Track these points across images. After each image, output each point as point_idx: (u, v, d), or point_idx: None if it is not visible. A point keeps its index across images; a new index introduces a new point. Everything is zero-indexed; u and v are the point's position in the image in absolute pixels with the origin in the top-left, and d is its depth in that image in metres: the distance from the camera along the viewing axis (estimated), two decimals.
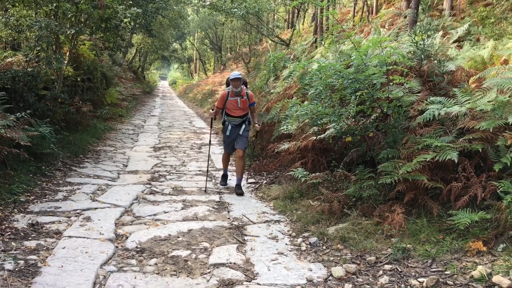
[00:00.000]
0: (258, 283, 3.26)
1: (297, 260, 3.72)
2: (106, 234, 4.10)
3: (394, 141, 4.53)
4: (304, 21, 19.82)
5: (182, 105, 23.40)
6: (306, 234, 4.28)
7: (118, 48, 13.06)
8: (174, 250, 3.83)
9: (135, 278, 3.26)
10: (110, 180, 6.35)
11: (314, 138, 5.55)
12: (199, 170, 7.33)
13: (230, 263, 3.59)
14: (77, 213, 4.69)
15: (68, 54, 8.70)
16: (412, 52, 5.59)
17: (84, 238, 3.96)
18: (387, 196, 4.31)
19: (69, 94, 8.60)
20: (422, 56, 5.46)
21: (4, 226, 4.06)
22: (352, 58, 5.04)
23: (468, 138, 3.91)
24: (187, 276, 3.36)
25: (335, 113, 4.97)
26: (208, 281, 3.27)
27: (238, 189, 5.93)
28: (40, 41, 7.40)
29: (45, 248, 3.70)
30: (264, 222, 4.72)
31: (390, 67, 4.79)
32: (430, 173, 4.00)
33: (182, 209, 5.10)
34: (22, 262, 3.36)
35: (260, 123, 6.60)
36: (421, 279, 3.12)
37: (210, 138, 6.57)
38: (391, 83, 4.99)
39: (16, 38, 8.46)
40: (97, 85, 11.54)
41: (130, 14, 9.00)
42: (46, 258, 3.48)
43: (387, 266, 3.42)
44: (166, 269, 3.46)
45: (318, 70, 4.95)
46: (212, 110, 6.26)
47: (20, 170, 5.57)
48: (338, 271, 3.40)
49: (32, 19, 7.55)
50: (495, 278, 2.88)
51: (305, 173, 5.16)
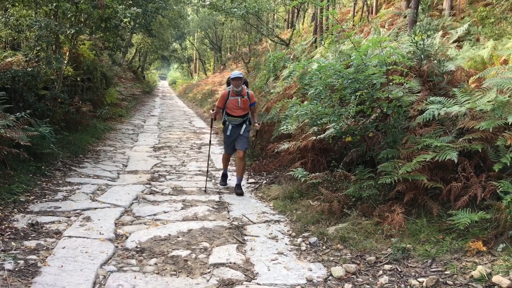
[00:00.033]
0: (258, 283, 3.26)
1: (297, 260, 3.72)
2: (106, 234, 4.10)
3: (394, 141, 4.53)
4: (304, 21, 19.81)
5: (182, 105, 23.41)
6: (306, 234, 4.28)
7: (118, 48, 13.08)
8: (174, 250, 3.83)
9: (135, 278, 3.26)
10: (110, 180, 6.35)
11: (314, 138, 5.55)
12: (199, 170, 7.33)
13: (230, 263, 3.59)
14: (77, 213, 4.69)
15: (68, 54, 8.70)
16: (412, 52, 5.60)
17: (84, 238, 3.96)
18: (387, 196, 4.32)
19: (69, 94, 8.61)
20: (422, 56, 5.46)
21: (4, 226, 4.06)
22: (352, 58, 5.04)
23: (467, 138, 3.91)
24: (187, 276, 3.36)
25: (335, 113, 4.98)
26: (208, 281, 3.28)
27: (238, 189, 5.93)
28: (40, 41, 7.40)
29: (45, 248, 3.70)
30: (264, 222, 4.72)
31: (390, 67, 4.79)
32: (429, 173, 4.00)
33: (182, 209, 5.10)
34: (22, 262, 3.36)
35: (260, 123, 6.58)
36: (421, 279, 3.12)
37: (210, 138, 6.56)
38: (391, 83, 5.00)
39: (16, 38, 8.46)
40: (97, 85, 11.54)
41: (130, 14, 9.01)
42: (46, 258, 3.48)
43: (387, 266, 3.42)
44: (166, 269, 3.46)
45: (318, 70, 4.95)
46: (212, 111, 6.23)
47: (20, 170, 5.57)
48: (338, 271, 3.40)
49: (32, 19, 7.55)
50: (495, 278, 2.88)
51: (305, 173, 5.16)
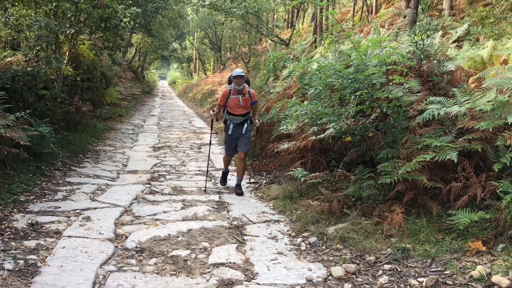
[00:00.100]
0: (257, 283, 3.26)
1: (296, 260, 3.72)
2: (105, 234, 4.10)
3: (394, 141, 4.53)
4: (303, 21, 19.81)
5: (181, 104, 23.41)
6: (305, 234, 4.28)
7: (117, 47, 13.09)
8: (173, 250, 3.83)
9: (135, 277, 3.26)
10: (109, 180, 6.34)
11: (314, 138, 5.55)
12: (199, 170, 7.33)
13: (230, 263, 3.59)
14: (76, 213, 4.69)
15: (67, 53, 8.70)
16: (411, 52, 5.60)
17: (83, 238, 3.96)
18: (387, 196, 4.32)
19: (68, 93, 8.61)
20: (422, 56, 5.46)
21: (3, 226, 4.06)
22: (351, 58, 5.04)
23: (467, 138, 3.91)
24: (187, 276, 3.36)
25: (335, 113, 4.98)
26: (207, 280, 3.28)
27: (238, 189, 5.92)
28: (39, 40, 7.40)
29: (44, 247, 3.70)
30: (263, 222, 4.72)
31: (390, 67, 4.79)
32: (429, 173, 4.00)
33: (182, 209, 5.10)
34: (21, 261, 3.36)
35: (260, 120, 6.50)
36: (420, 279, 3.12)
37: (210, 138, 6.52)
38: (391, 83, 5.00)
39: (15, 37, 8.46)
40: (96, 84, 11.54)
41: (130, 14, 9.02)
42: (46, 257, 3.48)
43: (387, 266, 3.42)
44: (166, 268, 3.46)
45: (318, 70, 4.95)
46: (212, 112, 6.09)
47: (19, 170, 5.57)
48: (337, 271, 3.40)
49: (31, 19, 7.55)
50: (495, 278, 2.88)
51: (304, 173, 5.16)
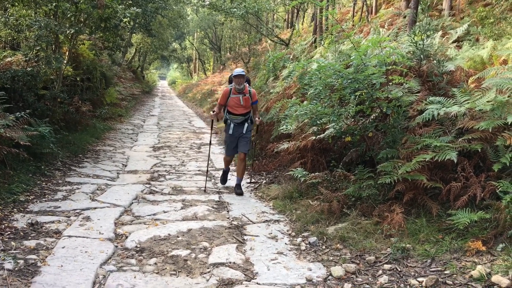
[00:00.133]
0: (257, 283, 3.26)
1: (296, 259, 3.72)
2: (105, 234, 4.10)
3: (394, 141, 4.54)
4: (303, 21, 19.82)
5: (181, 104, 23.41)
6: (305, 234, 4.28)
7: (117, 47, 13.09)
8: (173, 249, 3.83)
9: (135, 277, 3.26)
10: (109, 179, 6.34)
11: (314, 138, 5.55)
12: (199, 170, 7.34)
13: (230, 263, 3.59)
14: (76, 212, 4.69)
15: (67, 53, 8.70)
16: (411, 52, 5.60)
17: (83, 237, 3.96)
18: (387, 196, 4.32)
19: (68, 93, 8.60)
20: (422, 56, 5.46)
21: (3, 226, 4.06)
22: (351, 58, 5.05)
23: (467, 138, 3.92)
24: (187, 275, 3.36)
25: (335, 113, 4.98)
26: (207, 280, 3.28)
27: (238, 189, 5.92)
28: (39, 40, 7.40)
29: (44, 247, 3.70)
30: (263, 222, 4.72)
31: (390, 67, 4.79)
32: (429, 173, 4.00)
33: (182, 208, 5.10)
34: (21, 261, 3.36)
35: (260, 118, 6.46)
36: (420, 279, 3.13)
37: (210, 138, 6.52)
38: (391, 83, 5.00)
39: (15, 37, 8.45)
40: (96, 84, 11.54)
41: (130, 14, 9.01)
42: (46, 257, 3.48)
43: (387, 266, 3.43)
44: (166, 268, 3.46)
45: (318, 70, 4.95)
46: (213, 112, 6.03)
47: (19, 170, 5.57)
48: (337, 271, 3.41)
49: (31, 19, 7.54)
50: (494, 278, 2.88)
51: (304, 173, 5.16)
